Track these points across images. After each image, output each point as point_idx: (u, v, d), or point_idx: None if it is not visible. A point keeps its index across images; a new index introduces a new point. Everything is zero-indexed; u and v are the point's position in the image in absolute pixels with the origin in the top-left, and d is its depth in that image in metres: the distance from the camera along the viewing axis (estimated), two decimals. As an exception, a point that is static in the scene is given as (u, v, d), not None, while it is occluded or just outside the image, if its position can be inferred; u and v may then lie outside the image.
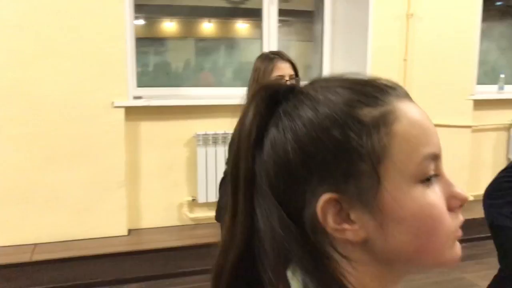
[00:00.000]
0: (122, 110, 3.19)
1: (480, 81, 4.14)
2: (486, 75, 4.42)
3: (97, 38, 3.09)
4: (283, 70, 1.91)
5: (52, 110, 3.06)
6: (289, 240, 0.48)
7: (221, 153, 3.46)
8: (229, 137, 3.43)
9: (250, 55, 4.27)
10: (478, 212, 4.19)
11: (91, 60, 3.10)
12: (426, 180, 0.48)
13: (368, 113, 0.48)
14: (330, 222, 0.48)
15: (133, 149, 3.33)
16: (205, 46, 4.15)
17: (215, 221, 3.55)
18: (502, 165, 4.42)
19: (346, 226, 0.48)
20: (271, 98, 0.52)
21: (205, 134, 3.41)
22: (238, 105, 2.90)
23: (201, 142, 3.41)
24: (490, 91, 4.23)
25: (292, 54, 4.12)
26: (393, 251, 0.48)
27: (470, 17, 3.88)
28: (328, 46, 3.97)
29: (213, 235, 3.43)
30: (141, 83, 3.50)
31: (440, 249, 0.49)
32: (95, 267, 3.06)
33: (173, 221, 3.52)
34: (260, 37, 3.94)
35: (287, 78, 1.90)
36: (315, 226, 0.49)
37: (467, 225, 0.57)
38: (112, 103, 3.16)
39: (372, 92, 0.49)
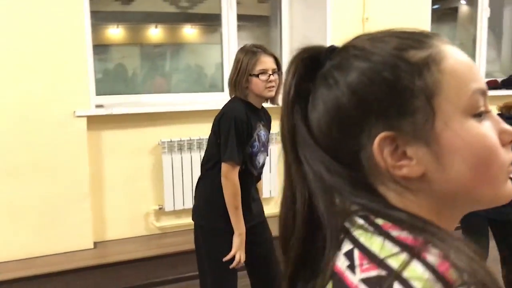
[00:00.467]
0: (84, 120, 3.10)
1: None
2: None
3: (56, 46, 2.99)
4: (266, 64, 1.92)
5: (11, 121, 2.93)
6: (340, 184, 0.51)
7: (187, 159, 3.43)
8: (195, 144, 3.42)
9: (208, 61, 4.28)
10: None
11: (51, 69, 2.99)
12: (478, 116, 0.50)
13: (416, 54, 0.51)
14: (388, 160, 0.50)
15: (96, 159, 3.24)
16: (161, 52, 4.10)
17: (183, 229, 3.53)
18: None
19: (403, 162, 0.50)
20: (311, 59, 0.56)
21: (170, 141, 3.37)
22: (202, 110, 2.93)
23: (166, 150, 3.36)
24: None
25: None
26: (450, 183, 0.49)
27: (420, 21, 4.06)
28: (287, 50, 4.04)
29: (182, 243, 3.39)
30: (97, 91, 3.41)
31: (496, 181, 0.50)
32: (62, 283, 2.95)
33: (140, 231, 3.45)
34: (220, 42, 3.95)
35: (270, 72, 1.92)
36: (371, 167, 0.51)
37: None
38: (74, 112, 3.06)
39: (417, 37, 0.52)
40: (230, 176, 1.89)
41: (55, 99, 3.02)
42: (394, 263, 0.44)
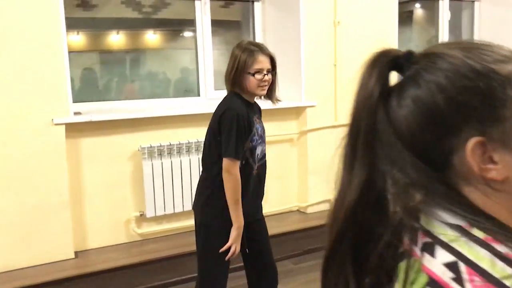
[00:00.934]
0: (63, 127, 3.05)
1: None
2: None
3: (33, 55, 2.93)
4: (262, 63, 1.98)
5: (-12, 131, 2.85)
6: (427, 182, 0.55)
7: (168, 165, 3.42)
8: (175, 148, 3.42)
9: (182, 66, 4.29)
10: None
11: (27, 77, 2.93)
12: None
13: (505, 67, 0.55)
14: (478, 162, 0.54)
15: (75, 167, 3.19)
16: (122, 57, 4.06)
17: (165, 235, 3.53)
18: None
19: (490, 166, 0.54)
20: (392, 62, 0.60)
21: (150, 147, 3.36)
22: (181, 115, 2.95)
23: (146, 155, 3.35)
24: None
25: (223, 63, 4.21)
26: None
27: (388, 24, 4.22)
28: (260, 54, 4.09)
29: (164, 249, 3.39)
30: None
31: None
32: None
33: (121, 239, 3.41)
34: (195, 48, 3.97)
35: (265, 72, 1.97)
36: (462, 169, 0.55)
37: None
38: (52, 120, 3.01)
39: (501, 51, 0.57)
40: (232, 171, 1.93)
41: (32, 107, 2.96)
42: (509, 284, 0.48)
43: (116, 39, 4.06)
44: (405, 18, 5.41)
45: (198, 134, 3.55)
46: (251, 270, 2.24)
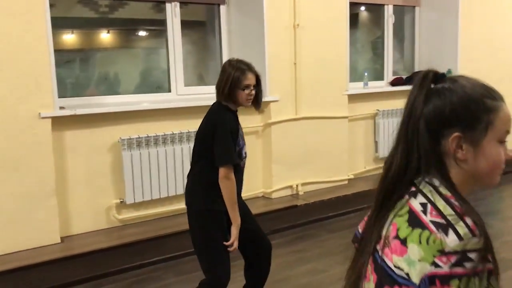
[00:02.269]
0: (49, 121, 3.28)
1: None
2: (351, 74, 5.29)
3: (20, 51, 3.14)
4: (251, 80, 2.34)
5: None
6: (432, 153, 0.94)
7: (146, 155, 3.71)
8: (152, 140, 3.71)
9: (153, 64, 4.56)
10: (357, 188, 5.04)
11: (15, 73, 3.14)
12: (501, 143, 0.94)
13: (491, 102, 0.93)
14: (453, 146, 0.92)
15: (60, 158, 3.42)
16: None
17: (143, 220, 3.80)
18: (371, 147, 5.34)
19: (459, 150, 0.93)
20: (432, 79, 0.96)
21: (129, 139, 3.64)
22: (157, 109, 3.32)
23: (126, 146, 3.62)
24: (358, 87, 5.11)
25: (190, 62, 4.51)
26: (475, 170, 0.93)
27: (340, 26, 4.68)
28: (226, 54, 4.43)
29: (142, 232, 3.67)
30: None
31: (494, 176, 0.96)
32: (33, 277, 3.10)
33: (103, 224, 3.67)
34: (166, 47, 4.25)
35: (251, 88, 2.34)
36: (445, 150, 0.94)
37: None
38: (39, 114, 3.23)
39: (493, 92, 0.96)
40: (230, 177, 2.25)
41: (20, 102, 3.17)
42: (451, 219, 0.87)
43: (69, 38, 4.25)
44: (352, 20, 5.90)
45: (172, 127, 3.88)
46: (247, 249, 2.54)
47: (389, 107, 5.18)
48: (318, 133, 4.59)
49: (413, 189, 0.94)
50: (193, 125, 3.82)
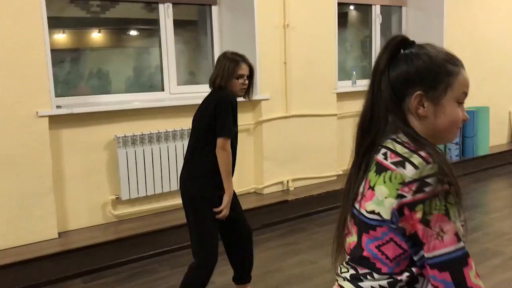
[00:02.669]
0: (46, 119, 3.37)
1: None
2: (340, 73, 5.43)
3: (17, 52, 3.23)
4: (244, 70, 2.49)
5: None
6: (394, 108, 1.06)
7: (140, 152, 3.81)
8: (147, 138, 3.81)
9: (146, 63, 4.65)
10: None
11: (13, 73, 3.23)
12: (459, 103, 1.06)
13: (452, 67, 1.05)
14: (415, 104, 1.05)
15: (57, 156, 3.51)
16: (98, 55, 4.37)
17: (139, 215, 3.91)
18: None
19: (420, 107, 1.05)
20: (399, 44, 1.08)
21: (124, 136, 3.74)
22: (151, 108, 3.47)
23: (121, 144, 3.72)
24: (347, 86, 5.25)
25: (182, 61, 4.61)
26: (435, 126, 1.06)
27: (329, 27, 4.80)
28: (218, 53, 4.54)
29: (137, 227, 3.77)
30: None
31: (453, 131, 1.08)
32: (32, 270, 3.20)
33: (99, 220, 3.77)
34: (159, 47, 4.35)
35: (245, 78, 2.47)
36: (409, 106, 1.06)
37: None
38: (37, 113, 3.32)
39: (454, 59, 1.07)
40: (226, 148, 2.38)
41: (18, 101, 3.26)
42: (406, 155, 1.00)
43: (60, 37, 4.33)
44: (341, 20, 6.03)
45: (166, 125, 3.98)
46: (228, 236, 2.69)
47: (377, 105, 5.30)
48: (308, 130, 4.72)
49: (379, 147, 1.06)
50: (186, 123, 3.95)
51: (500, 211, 4.53)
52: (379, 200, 1.00)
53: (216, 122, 2.39)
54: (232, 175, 2.57)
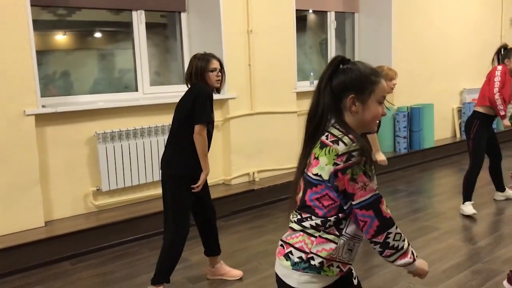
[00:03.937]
0: (33, 118, 3.68)
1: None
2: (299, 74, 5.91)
3: (3, 53, 3.52)
4: (216, 64, 2.90)
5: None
6: (333, 108, 1.49)
7: (119, 147, 4.17)
8: (124, 134, 4.17)
9: (121, 64, 4.99)
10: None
11: (2, 74, 3.52)
12: (379, 103, 1.48)
13: (375, 78, 1.47)
14: (349, 103, 1.46)
15: (42, 151, 3.83)
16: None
17: (118, 205, 4.23)
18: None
19: (353, 106, 1.46)
20: (338, 62, 1.50)
21: (104, 133, 4.08)
22: (127, 106, 3.91)
23: (100, 140, 4.07)
24: (305, 86, 5.73)
25: (154, 63, 4.97)
26: (362, 119, 1.47)
27: (288, 31, 5.27)
28: (187, 56, 4.93)
29: (116, 216, 4.11)
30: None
31: (373, 124, 1.53)
32: (21, 255, 3.49)
33: (81, 210, 4.10)
34: (132, 49, 4.71)
35: (218, 70, 2.89)
36: (345, 105, 1.47)
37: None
38: (24, 112, 3.63)
39: (375, 72, 1.51)
40: (202, 133, 2.78)
41: (7, 101, 3.56)
42: (340, 136, 1.45)
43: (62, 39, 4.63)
44: (301, 24, 6.51)
45: (141, 122, 4.35)
46: (199, 216, 3.10)
47: (333, 103, 5.81)
48: (271, 126, 5.18)
49: (324, 132, 1.49)
50: (160, 120, 4.36)
51: (441, 195, 5.12)
52: (321, 166, 1.44)
53: (194, 111, 2.78)
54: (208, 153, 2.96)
